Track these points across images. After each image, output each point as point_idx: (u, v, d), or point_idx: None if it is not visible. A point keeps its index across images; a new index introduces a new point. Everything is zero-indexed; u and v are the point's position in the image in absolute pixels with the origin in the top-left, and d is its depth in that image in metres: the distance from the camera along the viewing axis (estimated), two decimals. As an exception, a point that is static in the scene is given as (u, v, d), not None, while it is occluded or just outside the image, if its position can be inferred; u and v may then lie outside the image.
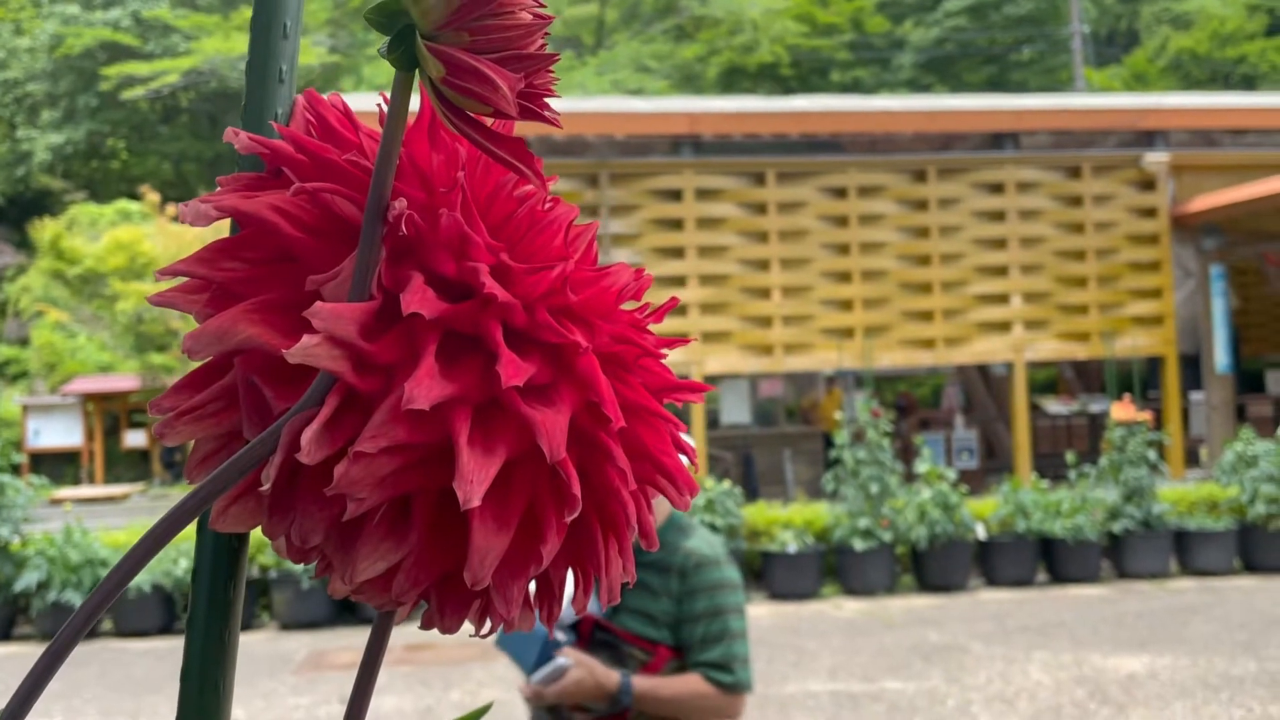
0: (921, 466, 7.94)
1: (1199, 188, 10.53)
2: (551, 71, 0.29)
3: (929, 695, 5.19)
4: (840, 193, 10.15)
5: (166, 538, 0.30)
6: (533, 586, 0.35)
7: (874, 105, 11.48)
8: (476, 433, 0.29)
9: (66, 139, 23.55)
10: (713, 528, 7.55)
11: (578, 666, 1.93)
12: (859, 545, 7.53)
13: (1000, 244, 10.33)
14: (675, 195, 9.88)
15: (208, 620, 0.34)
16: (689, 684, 1.95)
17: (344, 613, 7.27)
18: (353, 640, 6.82)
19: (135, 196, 18.97)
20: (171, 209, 11.38)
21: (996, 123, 10.53)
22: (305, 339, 0.28)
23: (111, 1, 24.21)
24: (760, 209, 9.99)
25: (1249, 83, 24.64)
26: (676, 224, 9.87)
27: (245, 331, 0.30)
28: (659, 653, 2.01)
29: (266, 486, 0.29)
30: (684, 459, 0.35)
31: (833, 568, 7.81)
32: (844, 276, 10.10)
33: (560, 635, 2.02)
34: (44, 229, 12.29)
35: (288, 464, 0.29)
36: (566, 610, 1.88)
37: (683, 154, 10.05)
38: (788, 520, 7.90)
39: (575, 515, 0.29)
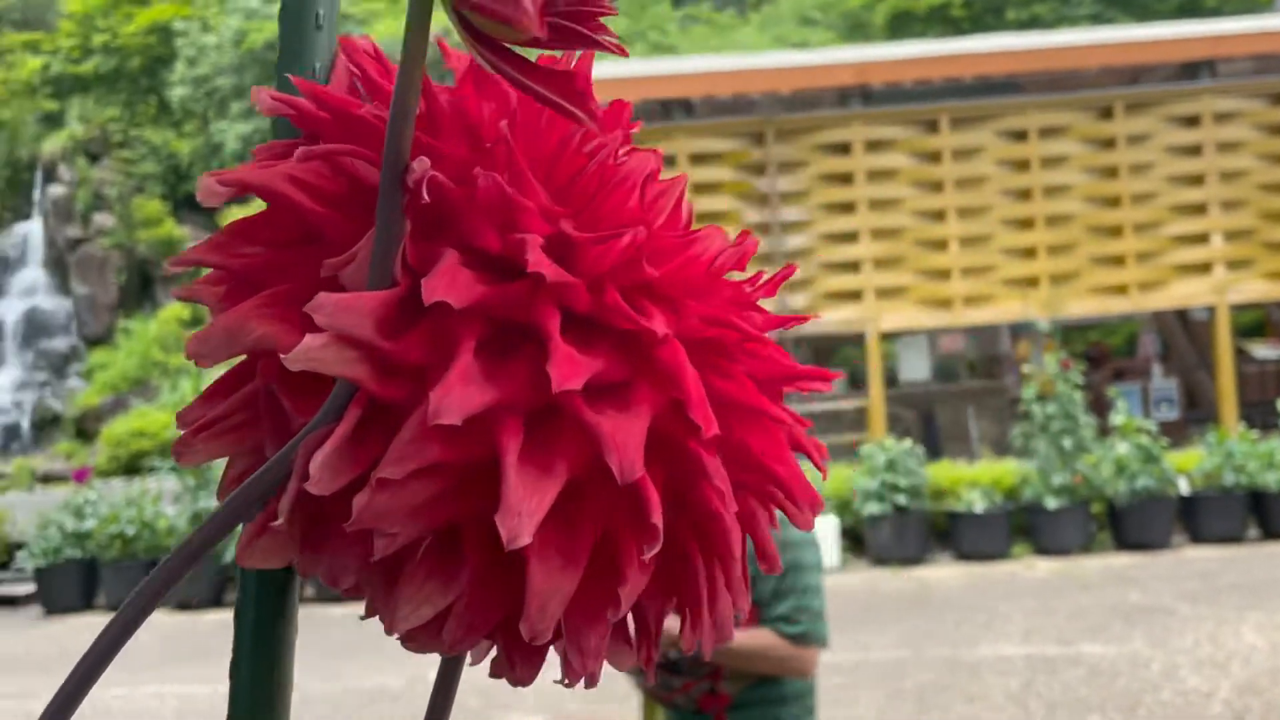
0: (1117, 419, 7.55)
1: None
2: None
3: (1131, 659, 4.93)
4: (1020, 136, 9.69)
5: (179, 575, 0.25)
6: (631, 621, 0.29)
7: (1055, 41, 10.88)
8: (529, 449, 0.23)
9: (254, 129, 24.68)
10: (894, 488, 7.37)
11: None
12: (1051, 503, 7.23)
13: (1197, 180, 9.67)
14: (844, 149, 9.62)
15: (254, 666, 0.29)
16: (756, 636, 1.89)
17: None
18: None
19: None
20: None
21: (1191, 51, 9.84)
22: (308, 339, 0.22)
23: (290, -7, 25.19)
24: (934, 158, 9.63)
25: None
26: (846, 178, 9.61)
27: (256, 330, 0.25)
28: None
29: (280, 521, 0.24)
30: (806, 464, 0.28)
31: (1023, 526, 7.52)
32: (1026, 223, 9.66)
33: None
34: (232, 217, 12.97)
35: (308, 491, 0.24)
36: None
37: (851, 105, 9.77)
38: (974, 479, 7.64)
39: (656, 549, 0.23)
